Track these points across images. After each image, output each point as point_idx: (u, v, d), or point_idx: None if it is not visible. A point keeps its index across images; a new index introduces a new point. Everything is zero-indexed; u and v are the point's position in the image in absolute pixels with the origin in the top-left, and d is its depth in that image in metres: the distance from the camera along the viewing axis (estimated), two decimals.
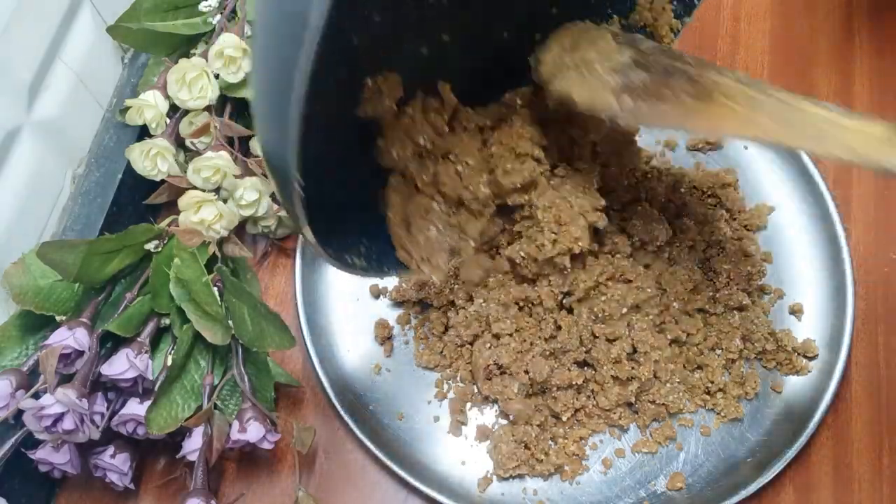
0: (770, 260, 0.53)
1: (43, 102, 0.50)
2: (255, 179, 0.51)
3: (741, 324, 0.50)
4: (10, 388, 0.43)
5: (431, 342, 0.51)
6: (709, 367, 0.49)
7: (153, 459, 0.49)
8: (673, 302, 0.49)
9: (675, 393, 0.49)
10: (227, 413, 0.47)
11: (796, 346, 0.50)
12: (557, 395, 0.48)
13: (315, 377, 0.50)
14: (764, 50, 0.63)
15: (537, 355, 0.47)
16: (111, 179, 0.53)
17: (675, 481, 0.47)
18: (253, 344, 0.47)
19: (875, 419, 0.50)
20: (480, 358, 0.48)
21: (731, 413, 0.49)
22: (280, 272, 0.55)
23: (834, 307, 0.51)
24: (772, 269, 0.53)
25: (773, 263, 0.54)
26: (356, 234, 0.42)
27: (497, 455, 0.47)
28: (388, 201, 0.44)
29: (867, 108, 0.60)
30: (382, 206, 0.44)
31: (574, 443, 0.48)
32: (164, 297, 0.47)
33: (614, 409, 0.48)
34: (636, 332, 0.48)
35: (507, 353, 0.48)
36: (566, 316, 0.48)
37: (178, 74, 0.51)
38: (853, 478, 0.48)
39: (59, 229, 0.52)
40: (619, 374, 0.47)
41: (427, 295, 0.52)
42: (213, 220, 0.49)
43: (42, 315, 0.46)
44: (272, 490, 0.49)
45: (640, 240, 0.50)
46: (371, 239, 0.43)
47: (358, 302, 0.54)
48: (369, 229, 0.43)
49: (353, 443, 0.49)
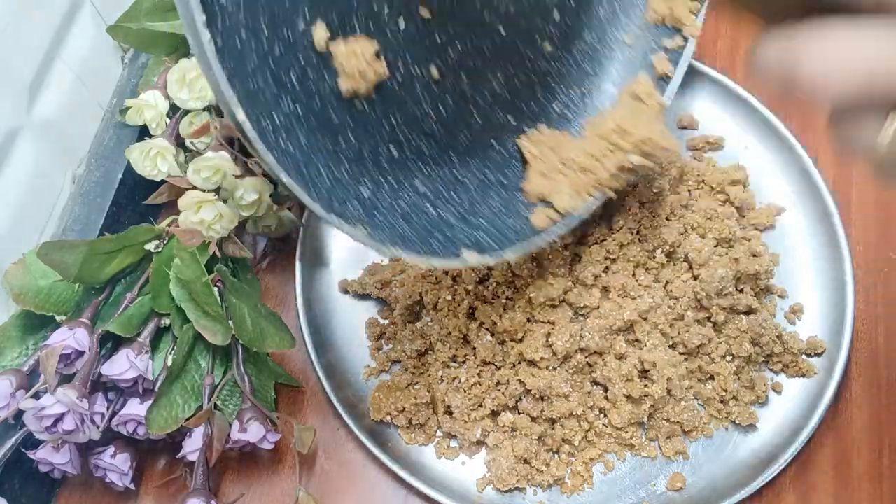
0: (777, 262, 0.53)
1: (43, 102, 0.50)
2: (255, 179, 0.51)
3: (749, 327, 0.48)
4: (10, 388, 0.43)
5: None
6: (720, 375, 0.48)
7: (153, 459, 0.49)
8: (686, 311, 0.48)
9: (691, 410, 0.48)
10: (227, 413, 0.47)
11: (802, 348, 0.50)
12: (563, 423, 0.47)
13: (315, 377, 0.50)
14: None
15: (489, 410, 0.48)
16: (111, 179, 0.53)
17: (675, 481, 0.47)
18: (253, 344, 0.47)
19: (875, 419, 0.50)
20: (437, 391, 0.49)
21: (747, 420, 0.48)
22: (280, 272, 0.55)
23: (834, 307, 0.51)
24: (774, 270, 0.53)
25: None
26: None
27: (496, 469, 0.47)
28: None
29: None
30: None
31: (583, 464, 0.48)
32: (165, 297, 0.47)
33: (626, 427, 0.48)
34: (646, 351, 0.47)
35: (459, 396, 0.48)
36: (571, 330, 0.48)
37: (178, 74, 0.51)
38: (853, 478, 0.48)
39: (59, 229, 0.52)
40: (632, 393, 0.46)
41: (387, 295, 0.52)
42: (213, 220, 0.49)
43: (42, 315, 0.46)
44: (272, 490, 0.49)
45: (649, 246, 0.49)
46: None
47: (358, 302, 0.54)
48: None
49: (353, 443, 0.49)
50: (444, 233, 0.41)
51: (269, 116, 0.35)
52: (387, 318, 0.53)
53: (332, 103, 0.38)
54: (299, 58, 0.36)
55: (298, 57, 0.36)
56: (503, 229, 0.43)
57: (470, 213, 0.43)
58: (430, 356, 0.50)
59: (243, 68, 0.33)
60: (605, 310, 0.48)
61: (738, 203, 0.54)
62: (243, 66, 0.33)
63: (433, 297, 0.49)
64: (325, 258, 0.54)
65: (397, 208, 0.40)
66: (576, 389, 0.47)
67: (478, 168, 0.45)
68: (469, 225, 0.43)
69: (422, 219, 0.41)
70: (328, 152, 0.38)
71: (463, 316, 0.49)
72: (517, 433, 0.47)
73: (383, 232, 0.39)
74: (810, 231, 0.54)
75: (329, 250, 0.55)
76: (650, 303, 0.47)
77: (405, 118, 0.41)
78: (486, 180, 0.45)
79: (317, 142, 0.37)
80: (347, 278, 0.54)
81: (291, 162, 0.35)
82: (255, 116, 0.33)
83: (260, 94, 0.34)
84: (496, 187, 0.45)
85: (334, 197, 0.37)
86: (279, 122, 0.35)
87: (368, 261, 0.54)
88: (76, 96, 0.53)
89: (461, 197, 0.44)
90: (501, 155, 0.45)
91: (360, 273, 0.54)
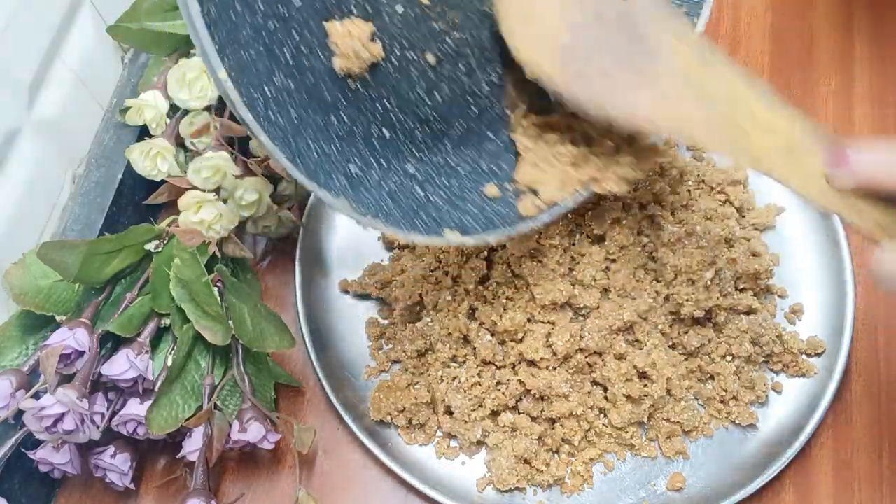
0: (777, 262, 0.53)
1: (43, 102, 0.50)
2: (255, 179, 0.51)
3: (749, 327, 0.49)
4: (10, 388, 0.43)
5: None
6: (720, 375, 0.48)
7: (153, 459, 0.49)
8: (685, 312, 0.48)
9: (691, 410, 0.48)
10: (227, 413, 0.47)
11: (802, 348, 0.50)
12: (563, 423, 0.47)
13: (315, 377, 0.50)
14: (764, 50, 0.63)
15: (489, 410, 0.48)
16: (111, 179, 0.53)
17: (675, 481, 0.47)
18: (253, 344, 0.47)
19: (875, 419, 0.50)
20: (437, 391, 0.49)
21: (746, 420, 0.48)
22: (280, 272, 0.55)
23: (834, 307, 0.51)
24: (774, 270, 0.53)
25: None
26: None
27: (496, 469, 0.47)
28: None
29: (867, 108, 0.60)
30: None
31: (583, 464, 0.48)
32: (165, 297, 0.47)
33: (626, 427, 0.48)
34: (646, 351, 0.47)
35: (459, 397, 0.48)
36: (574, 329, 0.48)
37: (178, 74, 0.51)
38: (853, 478, 0.48)
39: (59, 229, 0.52)
40: (632, 393, 0.46)
41: (387, 295, 0.52)
42: (213, 220, 0.49)
43: (42, 315, 0.46)
44: (272, 490, 0.49)
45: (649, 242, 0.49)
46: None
47: (358, 302, 0.54)
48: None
49: (353, 443, 0.49)
50: (431, 214, 0.41)
51: (260, 88, 0.35)
52: (387, 318, 0.53)
53: (326, 81, 0.38)
54: (293, 34, 0.37)
55: (293, 33, 0.37)
56: (491, 216, 0.43)
57: (459, 198, 0.43)
58: (430, 356, 0.50)
59: (236, 39, 0.34)
60: (605, 310, 0.48)
61: (738, 203, 0.54)
62: (236, 36, 0.34)
63: (433, 298, 0.49)
64: (325, 258, 0.54)
65: (384, 187, 0.40)
66: (576, 389, 0.47)
67: (472, 157, 0.44)
68: (456, 209, 0.42)
69: (409, 199, 0.41)
70: (318, 128, 0.38)
71: (463, 316, 0.49)
72: (517, 433, 0.47)
73: (367, 206, 0.39)
74: (810, 231, 0.54)
75: (329, 250, 0.55)
76: (650, 303, 0.47)
77: (399, 102, 0.41)
78: (478, 169, 0.45)
79: (307, 117, 0.38)
80: (347, 278, 0.54)
81: (279, 133, 0.36)
82: (245, 87, 0.34)
83: (252, 66, 0.35)
84: (488, 176, 0.44)
85: (320, 170, 0.37)
86: (270, 94, 0.36)
87: (368, 261, 0.54)
88: (76, 96, 0.53)
89: (451, 182, 0.43)
90: (496, 145, 0.45)
91: (360, 273, 0.54)
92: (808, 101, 0.60)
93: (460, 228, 0.41)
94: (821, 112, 0.60)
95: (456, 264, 0.50)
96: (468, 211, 0.43)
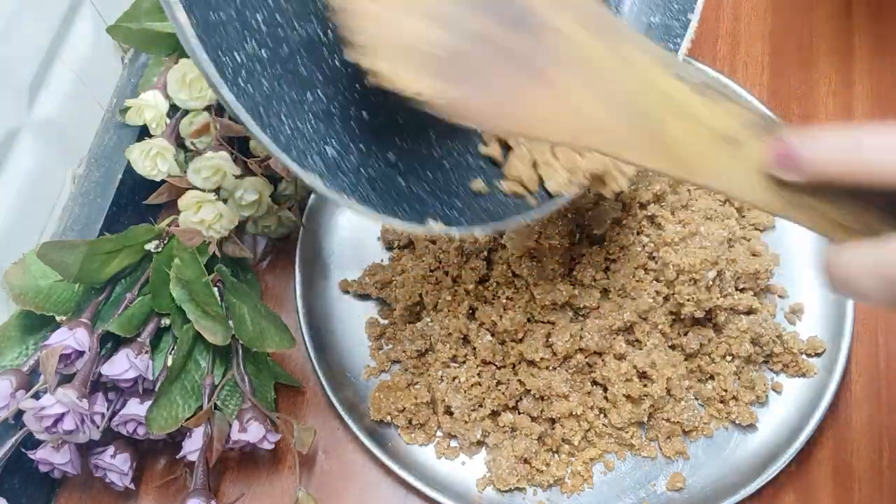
0: (777, 262, 0.53)
1: (43, 102, 0.50)
2: (255, 179, 0.51)
3: (749, 327, 0.48)
4: (10, 388, 0.43)
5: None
6: (720, 375, 0.48)
7: (153, 459, 0.49)
8: (685, 312, 0.48)
9: (691, 410, 0.48)
10: (227, 413, 0.47)
11: (802, 348, 0.50)
12: (563, 423, 0.47)
13: (315, 377, 0.50)
14: (764, 50, 0.63)
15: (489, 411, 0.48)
16: (111, 179, 0.53)
17: (675, 481, 0.47)
18: (253, 344, 0.47)
19: (875, 419, 0.50)
20: (437, 391, 0.49)
21: (746, 420, 0.48)
22: (280, 272, 0.55)
23: (834, 308, 0.51)
24: (773, 270, 0.53)
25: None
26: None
27: (496, 469, 0.47)
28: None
29: (867, 108, 0.60)
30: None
31: (583, 464, 0.48)
32: (165, 297, 0.47)
33: (626, 427, 0.48)
34: (645, 351, 0.47)
35: (459, 397, 0.47)
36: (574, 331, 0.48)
37: (178, 74, 0.51)
38: (853, 478, 0.48)
39: (59, 229, 0.52)
40: (631, 393, 0.46)
41: (387, 295, 0.52)
42: (213, 220, 0.49)
43: (42, 315, 0.46)
44: (272, 490, 0.49)
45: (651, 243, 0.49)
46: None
47: (358, 302, 0.54)
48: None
49: (353, 443, 0.49)
50: (413, 205, 0.39)
51: (230, 53, 0.33)
52: (387, 318, 0.53)
53: (302, 54, 0.37)
54: (268, 1, 0.35)
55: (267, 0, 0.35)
56: (478, 211, 0.41)
57: (444, 191, 0.41)
58: (430, 356, 0.50)
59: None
60: (604, 310, 0.48)
61: (738, 203, 0.54)
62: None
63: (433, 298, 0.49)
64: (325, 258, 0.54)
65: (363, 173, 0.37)
66: (576, 389, 0.47)
67: (458, 151, 0.43)
68: (441, 202, 0.40)
69: (390, 188, 0.38)
70: (292, 102, 0.36)
71: (463, 316, 0.49)
72: (517, 433, 0.47)
73: (342, 188, 0.35)
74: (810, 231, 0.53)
75: (329, 250, 0.55)
76: (650, 303, 0.47)
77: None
78: (465, 164, 0.43)
79: (280, 90, 0.35)
80: (347, 278, 0.54)
81: (249, 102, 0.33)
82: (213, 49, 0.32)
83: (221, 27, 0.33)
84: (476, 172, 0.43)
85: (294, 147, 0.35)
86: (241, 61, 0.34)
87: (368, 261, 0.54)
88: (76, 96, 0.53)
89: (435, 175, 0.41)
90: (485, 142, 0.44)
91: (360, 273, 0.54)
92: (808, 101, 0.60)
93: (444, 220, 0.39)
94: (821, 112, 0.60)
95: (456, 264, 0.50)
96: (453, 205, 0.41)
